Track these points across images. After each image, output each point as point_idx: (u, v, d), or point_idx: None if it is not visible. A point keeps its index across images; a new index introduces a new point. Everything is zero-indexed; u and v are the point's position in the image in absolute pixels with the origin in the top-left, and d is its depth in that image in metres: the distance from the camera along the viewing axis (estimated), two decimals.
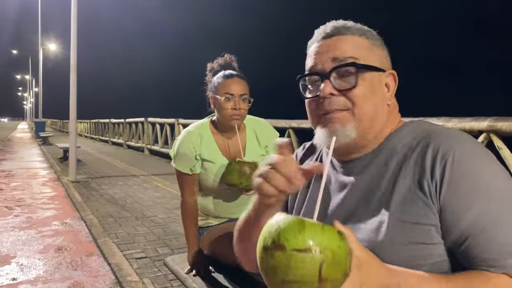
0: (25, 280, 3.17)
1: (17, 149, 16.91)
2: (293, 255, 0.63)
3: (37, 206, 5.84)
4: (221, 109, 1.99)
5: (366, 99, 0.90)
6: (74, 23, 8.60)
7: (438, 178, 0.81)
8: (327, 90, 0.90)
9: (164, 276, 3.25)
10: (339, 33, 0.93)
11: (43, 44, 30.92)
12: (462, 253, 0.79)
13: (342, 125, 0.90)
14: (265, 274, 0.67)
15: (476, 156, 0.82)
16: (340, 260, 0.64)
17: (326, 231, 0.65)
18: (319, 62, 0.93)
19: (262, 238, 0.68)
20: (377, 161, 0.92)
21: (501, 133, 3.75)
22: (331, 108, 0.90)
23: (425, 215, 0.81)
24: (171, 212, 5.48)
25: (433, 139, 0.85)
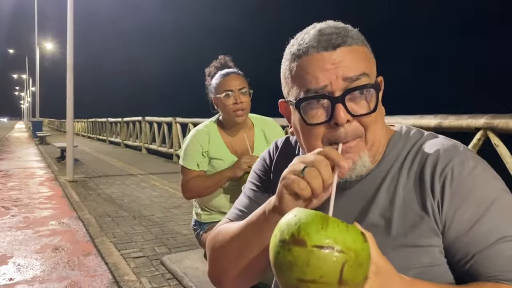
0: (22, 280, 3.16)
1: (14, 149, 16.87)
2: (314, 252, 0.57)
3: (34, 206, 5.82)
4: (223, 106, 2.04)
5: (378, 121, 0.82)
6: (70, 22, 8.57)
7: (439, 195, 0.78)
8: (344, 117, 0.78)
9: (162, 275, 3.24)
10: (343, 43, 0.80)
11: (39, 43, 30.86)
12: (468, 271, 0.77)
13: (358, 156, 0.81)
14: (279, 271, 0.61)
15: (474, 169, 0.79)
16: (363, 263, 0.59)
17: (350, 230, 0.60)
18: (327, 81, 0.78)
19: (278, 232, 0.62)
20: (372, 178, 0.86)
21: (498, 130, 3.76)
22: (347, 139, 0.80)
23: (428, 237, 0.78)
24: (169, 211, 5.47)
25: (430, 154, 0.82)
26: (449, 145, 0.83)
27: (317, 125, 0.81)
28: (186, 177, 2.12)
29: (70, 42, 8.50)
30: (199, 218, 2.21)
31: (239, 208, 1.00)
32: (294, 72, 0.83)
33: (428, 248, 0.78)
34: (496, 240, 0.75)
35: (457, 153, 0.81)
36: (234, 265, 0.87)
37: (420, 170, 0.81)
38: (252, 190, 1.01)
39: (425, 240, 0.78)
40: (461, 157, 0.80)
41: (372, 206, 0.83)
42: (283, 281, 0.61)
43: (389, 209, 0.81)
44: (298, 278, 0.58)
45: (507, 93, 54.90)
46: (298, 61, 0.82)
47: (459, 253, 0.77)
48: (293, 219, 0.62)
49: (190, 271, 2.07)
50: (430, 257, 0.78)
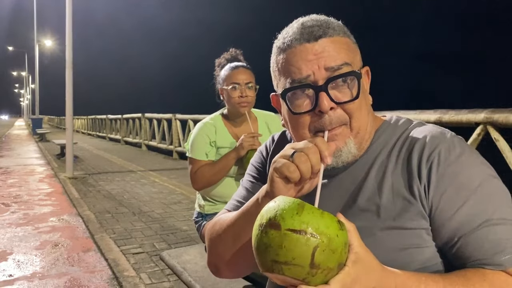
0: (22, 276, 3.16)
1: (14, 146, 16.86)
2: (287, 235, 0.61)
3: (34, 203, 5.82)
4: (229, 98, 2.10)
5: (362, 108, 0.85)
6: (69, 19, 8.55)
7: (426, 180, 0.79)
8: (327, 105, 0.80)
9: (161, 271, 3.24)
10: (325, 34, 0.83)
11: (38, 40, 30.80)
12: (454, 254, 0.78)
13: (343, 143, 0.84)
14: (257, 253, 0.65)
15: (461, 154, 0.80)
16: (336, 249, 0.62)
17: (325, 217, 0.63)
18: (310, 71, 0.82)
19: (259, 217, 0.66)
20: (361, 165, 0.87)
21: (498, 124, 3.75)
22: (331, 126, 0.82)
23: (416, 220, 0.79)
24: (168, 207, 5.47)
25: (417, 140, 0.83)
26: (437, 131, 0.84)
27: (302, 114, 0.84)
28: (194, 167, 2.15)
29: (69, 39, 8.48)
30: (203, 210, 2.21)
31: (236, 199, 1.03)
32: (280, 65, 0.86)
33: (415, 230, 0.79)
34: (480, 223, 0.76)
35: (444, 139, 0.82)
36: (230, 252, 0.90)
37: (408, 156, 0.83)
38: (250, 182, 1.05)
39: (413, 223, 0.79)
40: (448, 143, 0.81)
41: (361, 192, 0.85)
42: (260, 262, 0.64)
43: (377, 194, 0.83)
44: (272, 259, 0.62)
45: (507, 87, 54.72)
46: (283, 54, 0.86)
47: (446, 236, 0.78)
48: (273, 205, 0.65)
49: (189, 266, 2.07)
50: (418, 239, 0.79)
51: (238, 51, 2.25)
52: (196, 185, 2.16)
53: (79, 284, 2.99)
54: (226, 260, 0.91)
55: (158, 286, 2.98)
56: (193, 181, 2.16)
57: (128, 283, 3.01)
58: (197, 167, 2.13)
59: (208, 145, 2.14)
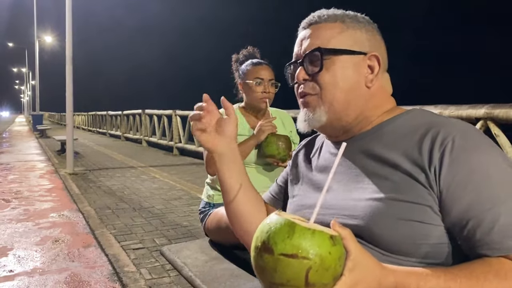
0: (22, 271, 3.16)
1: (14, 142, 16.87)
2: (280, 260, 0.63)
3: (35, 199, 5.83)
4: (251, 92, 2.18)
5: (335, 83, 0.94)
6: (69, 14, 8.53)
7: (437, 163, 0.80)
8: (300, 76, 0.97)
9: (162, 266, 3.25)
10: (314, 23, 0.99)
11: (39, 37, 30.75)
12: (464, 237, 0.79)
13: (313, 109, 0.96)
14: (256, 273, 0.68)
15: (476, 141, 0.82)
16: (330, 266, 0.64)
17: (316, 237, 0.64)
18: (297, 51, 1.00)
19: (254, 237, 0.69)
20: (365, 143, 0.94)
21: (498, 120, 3.75)
22: (303, 92, 0.97)
23: (422, 196, 0.81)
24: (169, 203, 5.47)
25: (433, 126, 0.85)
26: (455, 120, 0.87)
27: (294, 85, 1.03)
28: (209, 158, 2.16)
29: (69, 34, 8.46)
30: (211, 199, 2.21)
31: (271, 192, 1.22)
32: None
33: (418, 205, 0.81)
34: (491, 207, 0.76)
35: (460, 127, 0.84)
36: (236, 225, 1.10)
37: (421, 138, 0.85)
38: (282, 177, 1.21)
39: (417, 198, 0.81)
40: (463, 130, 0.83)
41: (369, 165, 0.90)
42: (260, 281, 0.68)
43: (385, 169, 0.87)
44: (269, 281, 0.66)
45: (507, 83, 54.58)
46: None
47: (455, 219, 0.79)
48: (266, 227, 0.68)
49: (189, 261, 2.07)
50: (420, 214, 0.81)
51: (255, 49, 2.35)
52: (210, 169, 2.17)
53: (79, 280, 2.99)
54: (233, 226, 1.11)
55: (158, 281, 2.98)
56: (208, 165, 2.16)
57: (129, 279, 3.01)
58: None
59: None
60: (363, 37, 0.96)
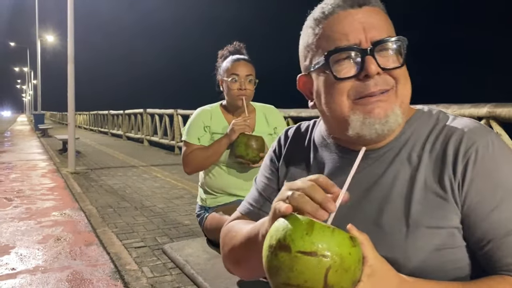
0: (24, 269, 3.17)
1: (16, 141, 16.90)
2: (298, 258, 0.59)
3: (36, 197, 5.84)
4: (228, 89, 2.14)
5: (407, 77, 0.82)
6: (70, 13, 8.53)
7: (460, 176, 0.76)
8: (374, 69, 0.77)
9: (163, 264, 3.25)
10: (368, 3, 0.81)
11: (40, 36, 30.79)
12: (483, 255, 0.75)
13: (391, 109, 0.78)
14: (269, 275, 0.63)
15: (499, 152, 0.77)
16: (349, 267, 0.59)
17: (336, 235, 0.60)
18: (355, 35, 0.78)
19: (268, 236, 0.64)
20: (391, 156, 0.83)
21: (501, 119, 3.74)
22: (377, 90, 0.78)
23: (448, 217, 0.76)
24: (170, 202, 5.48)
25: (454, 134, 0.79)
26: (474, 126, 0.80)
27: (347, 79, 0.79)
28: (187, 150, 2.18)
29: (70, 33, 8.47)
30: (205, 203, 2.22)
31: (249, 202, 1.02)
32: (320, 35, 0.82)
33: (449, 229, 0.76)
34: None
35: (482, 135, 0.78)
36: (239, 265, 0.92)
37: (443, 150, 0.79)
38: (262, 183, 1.02)
39: (446, 222, 0.76)
40: (486, 139, 0.77)
41: (391, 183, 0.81)
42: (273, 284, 0.62)
43: (409, 187, 0.79)
44: (284, 282, 0.60)
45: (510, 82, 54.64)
46: (324, 22, 0.82)
47: (476, 236, 0.76)
48: (282, 225, 0.63)
49: (191, 259, 2.07)
50: (451, 239, 0.76)
51: (241, 45, 2.27)
52: (187, 168, 2.19)
53: (81, 278, 3.00)
54: (238, 268, 0.94)
55: (160, 279, 2.98)
56: (185, 164, 2.19)
57: (130, 277, 3.01)
58: (190, 150, 2.17)
59: (201, 130, 2.17)
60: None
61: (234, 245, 0.91)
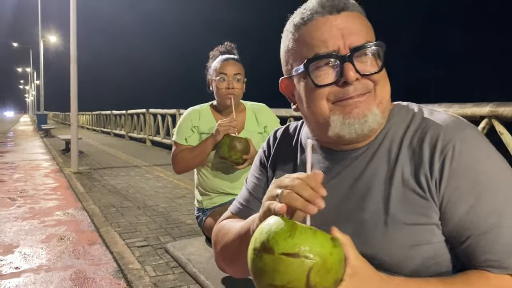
0: (28, 268, 3.19)
1: (19, 142, 16.95)
2: (281, 259, 0.61)
3: (40, 197, 5.86)
4: (217, 89, 2.14)
5: (386, 80, 0.83)
6: (73, 13, 8.57)
7: (438, 174, 0.76)
8: (353, 75, 0.78)
9: (166, 263, 3.26)
10: (346, 8, 0.81)
11: (43, 36, 30.86)
12: (463, 251, 0.76)
13: (368, 109, 0.80)
14: (254, 276, 0.65)
15: (476, 148, 0.76)
16: (331, 268, 0.62)
17: (318, 237, 0.62)
18: (336, 46, 0.79)
19: (253, 239, 0.66)
20: (371, 154, 0.84)
21: (503, 118, 3.75)
22: (355, 95, 0.80)
23: (427, 214, 0.76)
24: (173, 202, 5.49)
25: (430, 129, 0.79)
26: (452, 121, 0.80)
27: (326, 86, 0.80)
28: (175, 150, 2.22)
29: (73, 34, 8.50)
30: (201, 205, 2.24)
31: (240, 201, 1.04)
32: (299, 41, 0.83)
33: (427, 226, 0.77)
34: (491, 225, 0.73)
35: (459, 130, 0.78)
36: (231, 263, 0.95)
37: (419, 147, 0.79)
38: (252, 183, 1.04)
39: (424, 218, 0.76)
40: (463, 135, 0.77)
41: (369, 181, 0.82)
42: (258, 285, 0.65)
43: (387, 185, 0.80)
44: (268, 283, 0.62)
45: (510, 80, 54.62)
46: (303, 28, 0.82)
47: (455, 233, 0.76)
48: (265, 227, 0.65)
49: (193, 257, 2.09)
50: (429, 235, 0.77)
51: (232, 45, 2.27)
52: (175, 167, 2.22)
53: (84, 277, 3.01)
54: (231, 266, 0.97)
55: (163, 278, 3.00)
56: (174, 163, 2.21)
57: (133, 276, 3.03)
58: (178, 150, 2.20)
59: (189, 130, 2.20)
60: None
61: (226, 243, 0.93)
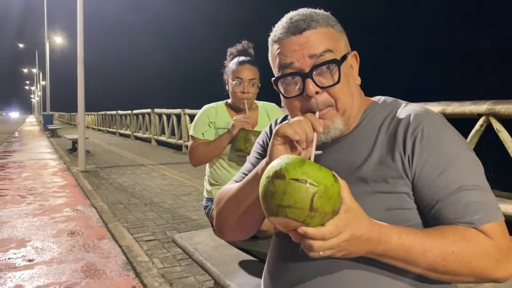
0: (41, 261, 3.32)
1: (26, 142, 17.15)
2: (291, 183, 0.72)
3: (49, 195, 6.01)
4: (233, 91, 2.28)
5: (345, 91, 0.96)
6: (80, 13, 8.70)
7: (410, 151, 0.91)
8: (312, 89, 0.93)
9: (173, 256, 3.39)
10: (308, 27, 0.95)
11: (49, 37, 31.07)
12: (433, 215, 0.89)
13: (331, 121, 0.96)
14: (264, 200, 0.76)
15: (442, 129, 0.93)
16: (332, 196, 0.73)
17: (323, 170, 0.74)
18: (296, 60, 0.94)
19: (266, 171, 0.77)
20: (351, 139, 1.00)
21: (500, 116, 3.82)
22: (318, 108, 0.95)
23: (399, 185, 0.91)
24: (179, 199, 5.62)
25: (404, 117, 0.95)
26: (421, 110, 0.97)
27: (293, 98, 0.97)
28: (192, 144, 2.35)
29: (80, 35, 8.64)
30: (211, 195, 2.36)
31: (243, 172, 1.18)
32: (273, 56, 1.00)
33: (398, 194, 0.91)
34: (456, 189, 0.88)
35: (427, 116, 0.94)
36: (233, 215, 1.06)
37: (394, 131, 0.95)
38: (255, 157, 1.19)
39: (396, 187, 0.91)
40: (430, 120, 0.94)
41: (351, 163, 0.97)
42: (266, 208, 0.76)
43: (366, 165, 0.95)
44: (277, 204, 0.73)
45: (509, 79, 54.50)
46: (274, 45, 0.99)
47: (426, 200, 0.90)
48: (277, 161, 0.77)
49: (200, 246, 2.20)
50: (401, 202, 0.91)
51: (250, 44, 2.38)
52: (192, 160, 2.36)
53: (95, 268, 3.14)
54: (230, 223, 1.08)
55: (170, 269, 3.12)
56: (190, 156, 2.35)
57: (142, 267, 3.15)
58: (195, 144, 2.33)
59: (206, 125, 2.32)
60: (344, 38, 1.01)
61: (230, 197, 1.06)
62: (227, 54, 2.39)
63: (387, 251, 0.83)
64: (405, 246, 0.83)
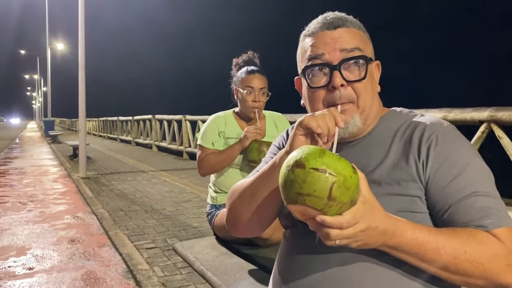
0: (41, 269, 3.30)
1: (27, 148, 17.15)
2: (310, 172, 0.74)
3: (49, 201, 5.99)
4: (243, 100, 2.28)
5: (367, 90, 1.01)
6: (81, 19, 8.73)
7: (424, 156, 0.94)
8: (339, 81, 0.97)
9: (174, 264, 3.37)
10: (343, 25, 1.01)
11: (50, 43, 31.18)
12: (446, 220, 0.91)
13: (350, 117, 1.00)
14: (284, 188, 0.77)
15: (455, 138, 0.97)
16: (350, 187, 0.74)
17: (342, 161, 0.76)
18: (327, 52, 0.99)
19: (286, 160, 0.79)
20: (366, 143, 1.03)
21: (502, 122, 3.82)
22: (341, 101, 0.98)
23: (412, 189, 0.93)
24: (179, 205, 5.60)
25: (419, 125, 0.99)
26: (435, 119, 1.02)
27: (318, 88, 1.01)
28: (202, 154, 2.32)
29: (81, 40, 8.66)
30: (215, 201, 2.35)
31: (258, 170, 1.19)
32: (305, 48, 1.05)
33: (411, 197, 0.94)
34: (469, 194, 0.90)
35: (441, 126, 0.99)
36: (246, 209, 1.05)
37: (409, 137, 0.99)
38: (271, 158, 1.19)
39: (409, 191, 0.94)
40: (444, 129, 0.98)
41: (366, 165, 0.99)
42: (286, 196, 0.78)
43: (380, 168, 0.98)
44: (297, 192, 0.75)
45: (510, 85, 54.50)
46: (307, 39, 1.04)
47: (439, 204, 0.92)
48: (298, 151, 0.79)
49: (200, 256, 2.19)
50: (413, 205, 0.94)
51: (255, 54, 2.40)
52: (201, 170, 2.33)
53: (95, 277, 3.12)
54: (243, 216, 1.07)
55: (171, 278, 3.10)
56: (199, 166, 2.33)
57: (142, 276, 3.13)
58: (204, 154, 2.30)
59: (216, 135, 2.31)
60: (371, 45, 1.06)
61: (245, 188, 1.06)
62: (233, 64, 2.40)
63: (401, 244, 0.85)
64: (419, 241, 0.85)
